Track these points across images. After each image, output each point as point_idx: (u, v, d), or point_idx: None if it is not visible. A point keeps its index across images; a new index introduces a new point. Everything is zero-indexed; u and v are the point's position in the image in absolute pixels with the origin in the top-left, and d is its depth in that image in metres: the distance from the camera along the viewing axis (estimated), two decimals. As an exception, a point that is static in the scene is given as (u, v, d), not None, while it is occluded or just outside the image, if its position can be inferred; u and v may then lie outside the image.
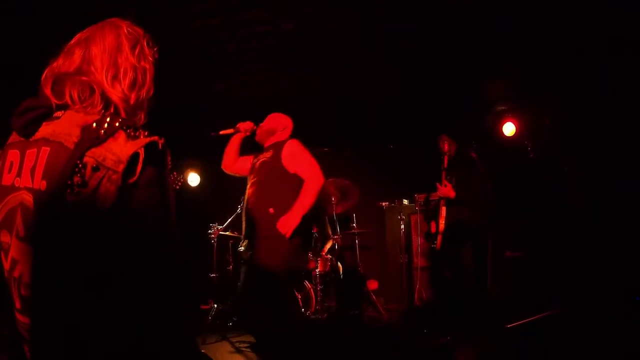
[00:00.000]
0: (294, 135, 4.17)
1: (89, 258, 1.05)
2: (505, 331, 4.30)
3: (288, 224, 3.63)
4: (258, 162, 3.99)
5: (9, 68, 4.38)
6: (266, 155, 3.96)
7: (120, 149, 1.10)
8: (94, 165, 1.08)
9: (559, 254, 5.77)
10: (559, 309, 4.38)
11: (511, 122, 6.51)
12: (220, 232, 5.89)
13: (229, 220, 5.99)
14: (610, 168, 5.42)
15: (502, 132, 6.53)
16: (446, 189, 5.13)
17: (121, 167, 1.08)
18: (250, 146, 4.29)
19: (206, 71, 5.83)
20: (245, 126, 4.21)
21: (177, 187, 5.62)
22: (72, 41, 1.32)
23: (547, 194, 6.27)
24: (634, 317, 4.25)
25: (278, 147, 3.95)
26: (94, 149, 1.10)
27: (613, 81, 5.18)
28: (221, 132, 4.19)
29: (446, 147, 5.31)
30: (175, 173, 5.64)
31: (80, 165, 1.08)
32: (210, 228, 5.90)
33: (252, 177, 3.98)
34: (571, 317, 4.35)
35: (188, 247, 6.07)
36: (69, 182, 1.06)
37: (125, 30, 1.33)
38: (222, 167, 4.32)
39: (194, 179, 7.09)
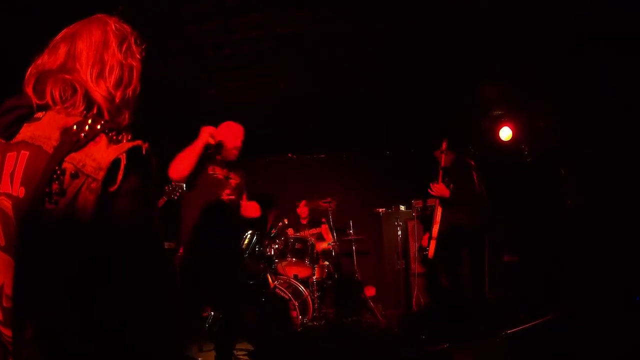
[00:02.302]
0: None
1: (70, 270, 1.01)
2: (504, 337, 4.28)
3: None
4: (233, 182, 4.00)
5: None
6: (237, 178, 4.04)
7: (100, 155, 1.05)
8: (73, 172, 1.03)
9: (557, 258, 5.76)
10: (557, 314, 4.36)
11: (508, 126, 6.52)
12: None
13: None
14: (607, 171, 5.41)
15: (499, 137, 6.54)
16: (440, 188, 5.11)
17: (101, 175, 1.03)
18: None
19: (201, 75, 5.82)
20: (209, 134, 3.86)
21: (175, 197, 5.57)
22: (58, 36, 1.28)
23: (544, 198, 6.27)
24: (633, 317, 4.23)
25: (242, 177, 4.13)
26: (73, 154, 1.05)
27: (609, 83, 5.19)
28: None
29: (444, 147, 5.32)
30: (173, 184, 5.60)
31: (58, 172, 1.03)
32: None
33: (227, 191, 3.90)
34: (570, 321, 4.33)
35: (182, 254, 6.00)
36: (47, 190, 1.02)
37: (113, 27, 1.29)
38: (177, 175, 3.76)
39: (189, 185, 7.03)
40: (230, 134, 4.00)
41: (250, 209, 4.16)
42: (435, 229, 5.24)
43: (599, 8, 4.30)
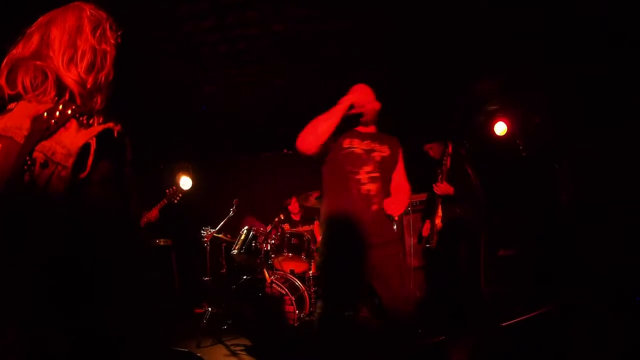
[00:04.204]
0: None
1: (46, 265, 0.98)
2: (500, 330, 4.32)
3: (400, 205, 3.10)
4: (378, 155, 3.22)
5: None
6: (384, 151, 3.25)
7: (70, 141, 1.01)
8: (42, 161, 0.99)
9: (553, 252, 5.80)
10: (553, 307, 4.40)
11: (503, 121, 6.54)
12: (214, 236, 5.86)
13: (222, 223, 5.97)
14: (602, 165, 5.45)
15: (494, 132, 6.57)
16: (444, 187, 5.14)
17: (70, 162, 0.99)
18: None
19: (197, 73, 5.82)
20: (364, 101, 3.26)
21: (176, 201, 5.60)
22: (33, 26, 1.26)
23: (539, 192, 6.30)
24: (634, 317, 4.25)
25: (395, 145, 3.35)
26: (43, 142, 1.01)
27: (605, 78, 5.21)
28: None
29: (438, 152, 5.34)
30: (174, 187, 5.62)
31: (29, 162, 0.99)
32: (203, 231, 5.89)
33: (370, 169, 3.16)
34: (566, 315, 4.37)
35: (181, 251, 6.02)
36: (19, 182, 0.98)
37: (88, 13, 1.28)
38: (305, 146, 3.09)
39: (185, 182, 7.06)
40: (364, 96, 3.30)
41: (395, 204, 3.09)
42: (438, 222, 5.27)
43: (599, 7, 4.33)
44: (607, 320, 4.10)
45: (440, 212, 5.28)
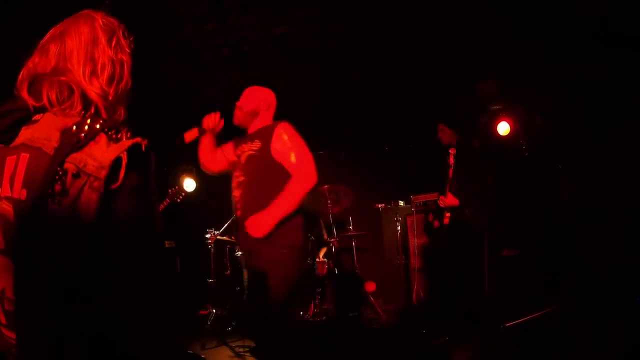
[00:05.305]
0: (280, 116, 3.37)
1: (71, 269, 1.01)
2: (503, 330, 4.32)
3: (260, 225, 2.89)
4: (244, 156, 3.15)
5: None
6: (253, 147, 3.10)
7: (101, 154, 1.05)
8: (75, 172, 1.03)
9: (556, 252, 5.78)
10: (556, 308, 4.40)
11: (505, 121, 6.53)
12: (218, 237, 5.89)
13: (226, 225, 6.00)
14: (602, 165, 5.43)
15: (497, 132, 6.55)
16: (449, 200, 5.14)
17: (103, 174, 1.03)
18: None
19: (199, 76, 5.85)
20: (211, 123, 3.33)
21: (179, 200, 5.62)
22: (46, 37, 1.28)
23: (542, 192, 6.28)
24: (634, 317, 4.24)
25: (266, 134, 3.11)
26: (74, 154, 1.05)
27: (606, 78, 5.19)
28: (187, 140, 3.29)
29: (448, 138, 5.31)
30: (177, 187, 5.64)
31: (60, 173, 1.03)
32: (207, 233, 5.91)
33: (237, 174, 3.17)
34: (569, 315, 4.36)
35: (185, 253, 6.04)
36: (50, 191, 1.02)
37: (101, 22, 1.29)
38: (203, 169, 3.46)
39: (189, 184, 7.08)
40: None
41: (255, 224, 2.93)
42: (447, 218, 5.27)
43: (599, 7, 4.32)
44: (607, 320, 4.09)
45: (447, 213, 5.29)
